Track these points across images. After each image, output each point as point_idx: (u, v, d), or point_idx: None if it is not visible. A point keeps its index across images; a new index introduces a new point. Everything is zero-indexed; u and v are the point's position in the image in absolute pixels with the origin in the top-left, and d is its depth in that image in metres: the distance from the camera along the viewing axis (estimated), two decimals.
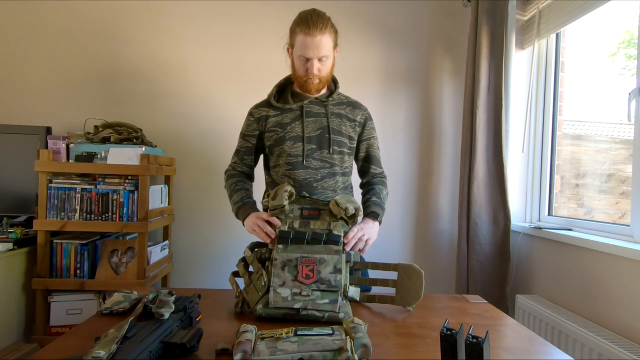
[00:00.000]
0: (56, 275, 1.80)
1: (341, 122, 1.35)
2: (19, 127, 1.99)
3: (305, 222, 1.09)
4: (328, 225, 1.08)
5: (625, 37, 1.83)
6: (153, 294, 0.94)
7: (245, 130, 1.40)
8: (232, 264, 2.25)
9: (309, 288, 0.97)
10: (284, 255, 1.01)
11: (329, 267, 1.00)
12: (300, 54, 1.25)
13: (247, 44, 2.25)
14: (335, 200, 1.10)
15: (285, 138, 1.31)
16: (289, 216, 1.11)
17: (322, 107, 1.35)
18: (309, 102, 1.34)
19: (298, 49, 1.25)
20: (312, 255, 1.01)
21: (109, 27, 2.21)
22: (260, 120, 1.35)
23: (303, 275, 0.98)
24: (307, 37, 1.22)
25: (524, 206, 2.09)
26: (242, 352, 0.68)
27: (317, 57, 1.24)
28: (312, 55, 1.23)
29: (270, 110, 1.35)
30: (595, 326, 1.40)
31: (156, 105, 2.23)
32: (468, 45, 2.07)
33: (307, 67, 1.26)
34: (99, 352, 0.62)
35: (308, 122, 1.32)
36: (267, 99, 1.38)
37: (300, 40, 1.23)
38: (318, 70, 1.26)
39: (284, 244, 1.04)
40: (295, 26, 1.26)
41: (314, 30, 1.21)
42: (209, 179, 2.25)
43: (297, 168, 1.31)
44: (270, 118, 1.34)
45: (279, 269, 0.99)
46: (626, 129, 1.81)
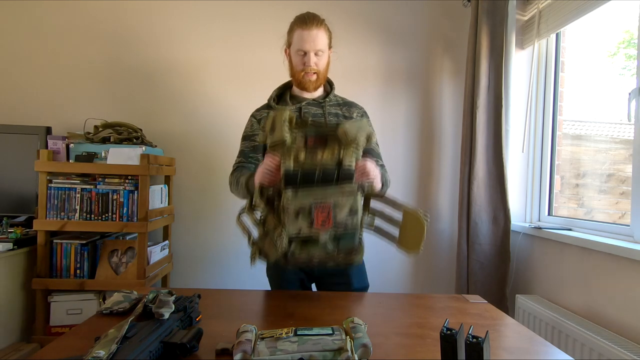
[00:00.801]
0: (56, 275, 1.80)
1: (338, 120, 1.37)
2: (19, 127, 1.99)
3: (312, 153, 0.98)
4: (337, 154, 0.98)
5: (625, 37, 1.83)
6: (153, 294, 0.94)
7: (248, 131, 1.41)
8: (232, 263, 2.26)
9: (326, 234, 0.94)
10: (296, 203, 0.93)
11: (345, 210, 0.95)
12: (298, 48, 1.29)
13: (248, 44, 2.25)
14: (345, 129, 1.00)
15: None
16: (292, 147, 0.99)
17: (319, 107, 1.37)
18: (306, 104, 1.36)
19: (295, 44, 1.30)
20: (326, 201, 0.94)
21: (109, 27, 2.21)
22: (262, 121, 1.37)
23: (319, 223, 0.93)
24: (304, 30, 1.28)
25: (524, 206, 2.09)
26: (242, 352, 0.68)
27: (314, 50, 1.28)
28: (309, 47, 1.28)
29: (270, 111, 1.36)
30: (595, 326, 1.40)
31: (156, 105, 2.23)
32: (468, 45, 2.07)
33: (304, 61, 1.30)
34: (99, 352, 0.62)
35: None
36: (267, 102, 1.42)
37: (298, 35, 1.29)
38: (315, 65, 1.30)
39: (293, 188, 0.95)
40: (293, 25, 1.33)
41: (311, 25, 1.28)
42: (209, 179, 2.25)
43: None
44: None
45: (293, 217, 0.93)
46: (626, 129, 1.81)
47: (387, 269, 2.29)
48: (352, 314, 1.01)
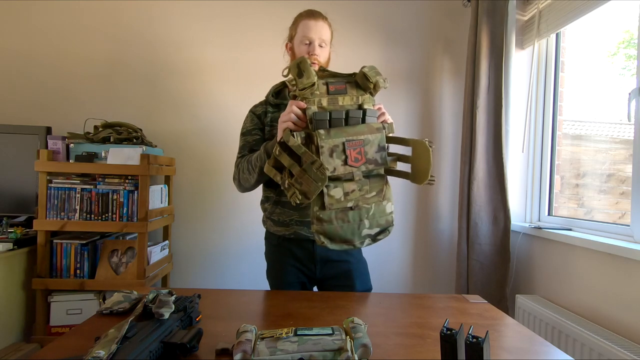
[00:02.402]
0: (56, 275, 1.80)
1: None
2: (19, 127, 1.99)
3: (334, 99, 1.03)
4: (357, 100, 1.05)
5: (625, 37, 1.83)
6: (153, 294, 0.94)
7: (248, 126, 1.38)
8: (232, 263, 2.25)
9: (359, 170, 0.98)
10: (330, 142, 0.97)
11: (374, 147, 1.01)
12: (303, 36, 1.30)
13: (248, 44, 2.25)
14: (364, 72, 1.06)
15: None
16: (315, 94, 1.03)
17: None
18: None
19: (300, 33, 1.31)
20: (358, 137, 0.99)
21: (109, 27, 2.21)
22: (261, 116, 1.36)
23: (352, 159, 0.98)
24: (311, 20, 1.30)
25: (524, 206, 2.09)
26: (242, 352, 0.68)
27: (319, 40, 1.30)
28: (314, 36, 1.29)
29: (269, 107, 1.37)
30: (595, 326, 1.40)
31: (156, 105, 2.24)
32: (468, 45, 2.07)
33: (309, 50, 1.30)
34: (99, 352, 0.62)
35: None
36: (264, 99, 1.41)
37: (303, 24, 1.31)
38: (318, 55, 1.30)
39: (325, 129, 0.99)
40: (298, 18, 1.36)
41: (317, 16, 1.32)
42: (209, 179, 2.25)
43: None
44: (268, 114, 1.35)
45: (327, 156, 0.96)
46: (626, 129, 1.81)
47: (387, 269, 2.29)
48: (352, 314, 1.01)
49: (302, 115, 1.02)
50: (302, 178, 0.96)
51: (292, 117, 1.03)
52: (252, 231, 2.27)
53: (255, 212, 2.26)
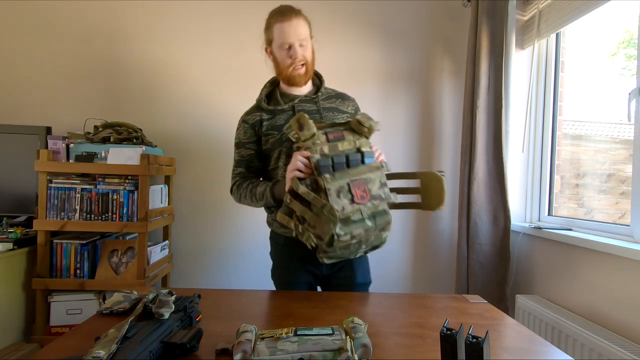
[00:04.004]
0: (56, 275, 1.80)
1: (334, 116, 1.34)
2: (19, 127, 1.99)
3: (334, 146, 1.11)
4: (355, 144, 1.13)
5: (625, 37, 1.83)
6: (153, 294, 0.94)
7: (242, 138, 1.35)
8: (232, 263, 2.25)
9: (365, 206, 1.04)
10: (336, 184, 1.04)
11: (377, 184, 1.08)
12: (281, 42, 1.26)
13: (248, 43, 2.25)
14: (358, 119, 1.13)
15: (283, 139, 1.29)
16: (317, 143, 1.11)
17: (312, 104, 1.34)
18: (299, 101, 1.33)
19: (277, 38, 1.26)
20: (360, 177, 1.07)
21: (109, 27, 2.21)
22: (255, 125, 1.33)
23: (358, 197, 1.05)
24: (284, 22, 1.24)
25: (524, 206, 2.09)
26: (242, 352, 0.68)
27: (299, 41, 1.25)
28: (293, 39, 1.25)
29: (263, 113, 1.33)
30: (595, 326, 1.40)
31: (156, 105, 2.24)
32: (468, 45, 2.07)
33: (290, 54, 1.26)
34: (99, 352, 0.62)
35: None
36: (256, 104, 1.36)
37: (278, 28, 1.25)
38: (301, 56, 1.27)
39: (329, 173, 1.05)
40: (269, 20, 1.30)
41: (290, 15, 1.25)
42: (209, 179, 2.25)
43: None
44: (264, 122, 1.32)
45: (335, 197, 1.02)
46: (626, 129, 1.81)
47: (387, 269, 2.29)
48: (352, 314, 1.01)
49: (307, 163, 1.08)
50: (315, 222, 1.03)
51: (298, 165, 1.08)
52: (252, 231, 2.27)
53: (255, 212, 2.26)
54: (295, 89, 1.34)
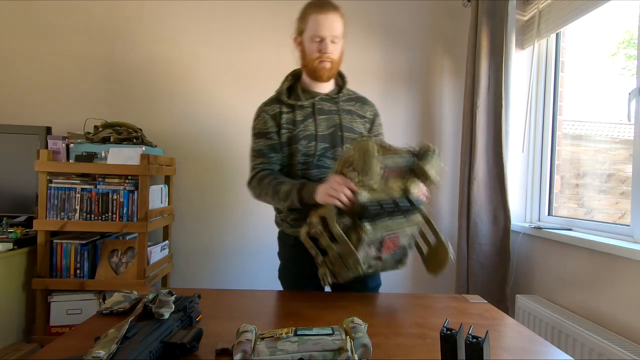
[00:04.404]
0: (56, 275, 1.80)
1: (352, 119, 1.32)
2: (19, 127, 1.99)
3: (385, 181, 1.03)
4: (405, 184, 1.07)
5: (625, 37, 1.83)
6: (153, 294, 0.94)
7: (262, 128, 1.29)
8: (232, 263, 2.25)
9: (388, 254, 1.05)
10: (372, 236, 1.00)
11: (407, 237, 1.07)
12: (314, 34, 1.22)
13: (248, 43, 2.25)
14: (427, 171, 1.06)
15: (299, 137, 1.26)
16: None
17: (333, 104, 1.31)
18: (320, 99, 1.30)
19: (311, 29, 1.22)
20: (397, 231, 1.04)
21: (109, 27, 2.21)
22: (276, 117, 1.29)
23: (386, 249, 1.04)
24: (321, 14, 1.20)
25: (524, 206, 2.09)
26: (242, 352, 0.68)
27: (331, 36, 1.22)
28: (326, 33, 1.21)
29: (283, 106, 1.29)
30: (595, 326, 1.40)
31: (156, 105, 2.23)
32: (468, 45, 2.07)
33: (320, 47, 1.22)
34: (99, 352, 0.62)
35: (320, 120, 1.28)
36: (276, 96, 1.33)
37: (313, 19, 1.21)
38: (330, 53, 1.23)
39: (372, 223, 0.99)
40: (306, 10, 1.25)
41: (327, 9, 1.21)
42: (209, 179, 2.25)
43: (311, 168, 1.27)
44: (283, 115, 1.28)
45: (365, 246, 1.00)
46: (626, 129, 1.81)
47: None
48: (352, 314, 1.01)
49: (351, 197, 1.01)
50: (336, 261, 1.00)
51: (341, 197, 1.02)
52: (252, 231, 2.26)
53: (255, 212, 2.26)
54: (317, 85, 1.31)
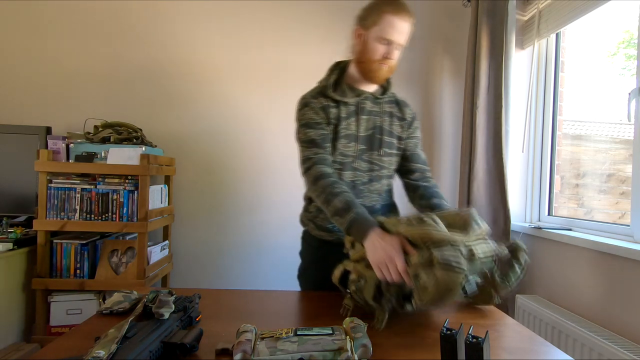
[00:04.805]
0: (56, 275, 1.80)
1: (392, 121, 1.27)
2: (19, 127, 1.99)
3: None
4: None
5: (625, 37, 1.83)
6: (153, 294, 0.94)
7: (312, 118, 1.21)
8: (232, 263, 2.26)
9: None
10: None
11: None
12: (384, 36, 1.14)
13: (248, 44, 2.25)
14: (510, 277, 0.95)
15: (340, 135, 1.20)
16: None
17: (375, 104, 1.25)
18: (364, 98, 1.24)
19: (382, 29, 1.14)
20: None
21: (109, 27, 2.21)
22: (324, 109, 1.21)
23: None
24: (398, 18, 1.13)
25: (524, 206, 2.09)
26: (242, 352, 0.68)
27: (400, 43, 1.16)
28: (398, 39, 1.15)
29: (329, 101, 1.22)
30: (595, 326, 1.40)
31: (156, 105, 2.24)
32: (468, 45, 2.07)
33: (387, 51, 1.16)
34: (99, 352, 0.62)
35: (362, 121, 1.23)
36: (319, 89, 1.25)
37: (389, 20, 1.13)
38: (395, 58, 1.18)
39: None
40: (382, 7, 1.15)
41: (405, 14, 1.14)
42: (209, 179, 2.25)
43: (346, 169, 1.22)
44: (330, 109, 1.21)
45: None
46: (626, 129, 1.81)
47: None
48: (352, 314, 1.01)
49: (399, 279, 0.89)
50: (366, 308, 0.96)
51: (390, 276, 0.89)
52: (252, 231, 2.26)
53: (255, 212, 2.26)
54: (363, 83, 1.25)
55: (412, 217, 0.90)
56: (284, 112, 2.28)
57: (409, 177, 1.32)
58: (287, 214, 2.27)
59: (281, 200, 2.27)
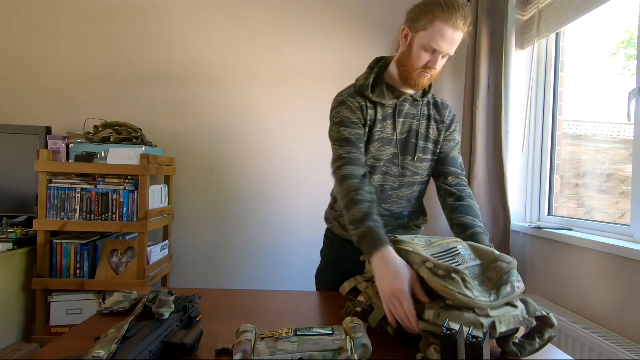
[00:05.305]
0: (56, 275, 1.80)
1: (429, 125, 1.21)
2: (19, 127, 1.99)
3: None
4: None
5: (625, 37, 1.83)
6: (153, 294, 0.94)
7: (349, 117, 1.15)
8: (232, 263, 2.26)
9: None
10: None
11: None
12: (431, 44, 1.06)
13: (249, 43, 2.25)
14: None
15: (374, 137, 1.16)
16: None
17: (413, 107, 1.20)
18: (403, 100, 1.18)
19: (430, 37, 1.06)
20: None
21: (109, 27, 2.21)
22: (362, 109, 1.16)
23: None
24: (450, 28, 1.04)
25: (524, 206, 2.09)
26: (242, 352, 0.68)
27: (447, 53, 1.08)
28: (446, 49, 1.07)
29: (367, 102, 1.17)
30: (595, 326, 1.40)
31: (156, 105, 2.24)
32: (468, 45, 2.07)
33: (431, 59, 1.09)
34: (99, 352, 0.62)
35: (398, 124, 1.18)
36: (357, 89, 1.19)
37: (439, 29, 1.04)
38: (439, 68, 1.12)
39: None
40: (436, 9, 1.05)
41: (460, 23, 1.05)
42: (209, 179, 2.25)
43: (376, 173, 1.18)
44: (367, 110, 1.16)
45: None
46: (626, 129, 1.81)
47: None
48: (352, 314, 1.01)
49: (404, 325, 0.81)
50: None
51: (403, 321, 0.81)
52: (252, 231, 2.26)
53: (255, 212, 2.26)
54: (403, 85, 1.18)
55: (439, 266, 0.78)
56: (285, 112, 2.28)
57: (442, 180, 1.24)
58: (287, 214, 2.27)
59: (281, 200, 2.28)
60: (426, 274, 0.79)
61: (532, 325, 0.78)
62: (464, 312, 0.73)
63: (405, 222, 1.27)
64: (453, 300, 0.73)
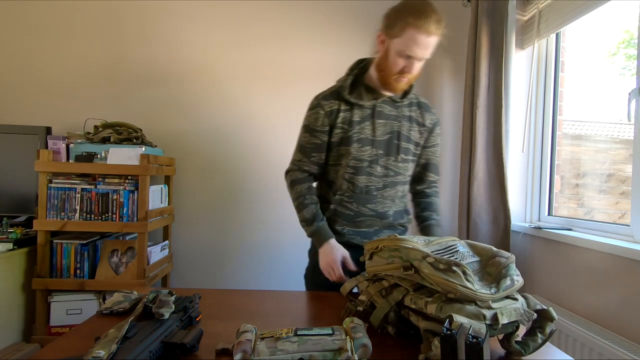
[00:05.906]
0: (56, 275, 1.80)
1: (411, 126, 1.24)
2: (19, 127, 2.00)
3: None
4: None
5: (625, 37, 1.83)
6: (153, 294, 0.94)
7: (313, 124, 1.21)
8: (232, 263, 2.26)
9: None
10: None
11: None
12: (404, 50, 1.09)
13: (247, 44, 2.25)
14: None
15: (353, 139, 1.19)
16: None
17: (393, 108, 1.22)
18: (382, 102, 1.21)
19: (404, 43, 1.09)
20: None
21: (109, 27, 2.21)
22: (332, 114, 1.19)
23: None
24: (422, 34, 1.07)
25: (524, 206, 2.09)
26: (242, 352, 0.68)
27: (422, 57, 1.11)
28: (420, 55, 1.10)
29: (342, 104, 1.20)
30: (595, 326, 1.40)
31: (156, 105, 2.24)
32: (468, 45, 2.06)
33: (406, 64, 1.11)
34: (99, 352, 0.62)
35: (378, 125, 1.20)
36: (336, 90, 1.22)
37: (411, 35, 1.07)
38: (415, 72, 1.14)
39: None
40: (408, 16, 1.09)
41: (432, 29, 1.08)
42: (209, 179, 2.25)
43: (360, 174, 1.21)
44: (340, 113, 1.19)
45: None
46: (626, 129, 1.81)
47: None
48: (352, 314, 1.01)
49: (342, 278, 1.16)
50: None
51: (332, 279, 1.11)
52: (252, 231, 2.26)
53: (255, 212, 2.26)
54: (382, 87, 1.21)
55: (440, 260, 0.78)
56: (284, 112, 2.28)
57: (416, 184, 1.36)
58: (287, 214, 2.27)
59: (281, 200, 2.27)
60: (427, 268, 0.79)
61: (532, 318, 0.78)
62: (466, 305, 0.73)
63: (390, 222, 1.30)
64: (454, 293, 0.74)
